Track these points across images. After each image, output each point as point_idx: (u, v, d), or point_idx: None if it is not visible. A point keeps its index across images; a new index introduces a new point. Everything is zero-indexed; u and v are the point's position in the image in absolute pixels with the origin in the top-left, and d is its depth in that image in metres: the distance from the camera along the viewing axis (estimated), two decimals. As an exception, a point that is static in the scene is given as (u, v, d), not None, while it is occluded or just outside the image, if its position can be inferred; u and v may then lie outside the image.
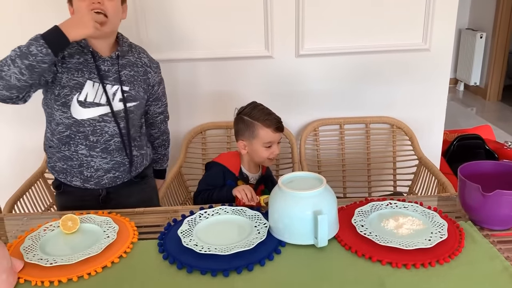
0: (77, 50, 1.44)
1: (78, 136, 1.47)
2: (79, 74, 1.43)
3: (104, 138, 1.48)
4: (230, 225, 1.32)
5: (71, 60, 1.43)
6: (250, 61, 2.03)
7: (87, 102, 1.43)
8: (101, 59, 1.45)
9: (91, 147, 1.48)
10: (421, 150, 2.05)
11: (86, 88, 1.43)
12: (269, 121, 1.53)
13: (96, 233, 1.31)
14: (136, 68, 1.51)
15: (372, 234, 1.22)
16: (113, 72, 1.46)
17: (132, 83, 1.49)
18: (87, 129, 1.46)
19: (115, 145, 1.50)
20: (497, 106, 4.93)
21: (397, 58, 2.04)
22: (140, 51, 1.55)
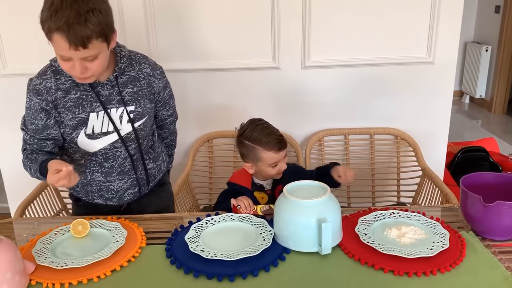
0: (71, 84, 1.36)
1: (93, 164, 1.47)
2: (80, 110, 1.37)
3: (118, 162, 1.47)
4: (236, 232, 1.35)
5: (69, 97, 1.36)
6: (258, 72, 2.07)
7: (95, 133, 1.41)
8: (99, 84, 1.37)
9: (107, 173, 1.48)
10: (425, 162, 2.07)
11: (91, 121, 1.39)
12: (270, 143, 1.51)
13: (106, 237, 1.34)
14: (138, 82, 1.42)
15: (375, 243, 1.24)
16: (115, 95, 1.39)
17: (136, 100, 1.43)
18: (99, 158, 1.45)
19: (129, 165, 1.49)
20: (503, 119, 4.94)
21: (402, 70, 2.08)
22: (141, 62, 1.45)
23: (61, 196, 2.08)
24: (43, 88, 1.35)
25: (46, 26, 1.19)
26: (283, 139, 1.55)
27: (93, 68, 1.27)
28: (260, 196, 1.60)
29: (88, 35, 1.19)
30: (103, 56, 1.27)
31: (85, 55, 1.22)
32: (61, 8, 1.16)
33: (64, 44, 1.19)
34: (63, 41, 1.18)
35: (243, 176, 1.63)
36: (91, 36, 1.19)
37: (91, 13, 1.19)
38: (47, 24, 1.19)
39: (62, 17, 1.16)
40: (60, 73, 1.36)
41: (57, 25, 1.17)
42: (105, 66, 1.32)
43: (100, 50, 1.25)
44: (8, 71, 2.06)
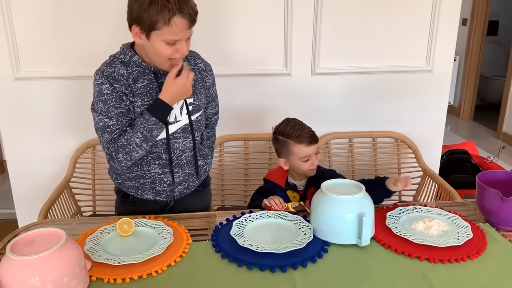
0: (139, 73, 1.40)
1: (151, 157, 1.48)
2: (148, 97, 1.40)
3: (176, 154, 1.49)
4: (275, 228, 1.44)
5: (137, 85, 1.39)
6: (270, 78, 2.17)
7: None
8: (163, 76, 1.40)
9: (164, 165, 1.50)
10: (425, 163, 2.23)
11: None
12: (301, 137, 1.60)
13: (151, 235, 1.39)
14: (195, 76, 1.45)
15: (407, 234, 1.36)
16: None
17: (194, 93, 1.47)
18: (159, 149, 1.47)
19: (186, 159, 1.52)
20: (470, 124, 5.26)
21: (403, 78, 2.23)
22: (195, 57, 1.50)
23: (76, 199, 2.09)
24: (118, 74, 1.38)
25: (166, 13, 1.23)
26: (314, 134, 1.63)
27: (189, 48, 1.36)
28: (292, 195, 1.69)
29: (196, 10, 1.30)
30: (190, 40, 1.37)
31: (190, 34, 1.33)
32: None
33: (185, 24, 1.27)
34: (185, 21, 1.26)
35: (278, 174, 1.71)
36: (197, 12, 1.30)
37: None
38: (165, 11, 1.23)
39: (176, 2, 1.24)
40: (126, 64, 1.39)
41: (178, 7, 1.24)
42: None
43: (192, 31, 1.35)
44: (21, 74, 2.06)
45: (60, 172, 2.13)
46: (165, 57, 1.33)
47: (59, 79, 2.08)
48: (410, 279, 1.19)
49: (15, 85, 2.07)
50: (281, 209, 1.54)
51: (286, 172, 1.70)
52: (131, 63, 1.39)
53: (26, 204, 2.18)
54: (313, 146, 1.62)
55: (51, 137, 2.15)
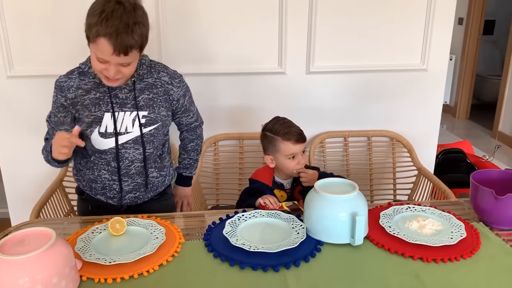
0: (93, 84, 1.46)
1: (101, 162, 1.53)
2: (96, 108, 1.45)
3: (125, 163, 1.53)
4: (268, 227, 1.43)
5: (88, 96, 1.45)
6: (264, 77, 2.16)
7: (107, 133, 1.48)
8: (117, 88, 1.45)
9: (113, 172, 1.54)
10: (419, 162, 2.23)
11: (105, 121, 1.46)
12: (288, 134, 1.61)
13: (144, 235, 1.38)
14: (155, 89, 1.49)
15: (401, 234, 1.36)
16: (130, 99, 1.46)
17: (151, 106, 1.49)
18: (108, 156, 1.51)
19: (135, 169, 1.55)
20: (466, 124, 5.27)
21: (398, 77, 2.23)
22: (160, 70, 1.52)
23: (69, 198, 2.08)
24: (66, 85, 1.47)
25: (94, 30, 1.28)
26: (302, 133, 1.64)
27: (125, 73, 1.38)
28: (279, 194, 1.69)
29: (132, 44, 1.30)
30: (135, 63, 1.40)
31: (123, 61, 1.34)
32: (112, 17, 1.27)
33: (109, 49, 1.29)
34: (109, 46, 1.28)
35: (265, 173, 1.71)
36: (133, 46, 1.31)
37: (137, 26, 1.30)
38: (96, 29, 1.27)
39: (112, 25, 1.26)
40: (85, 75, 1.46)
41: (107, 31, 1.26)
42: (132, 72, 1.42)
43: (135, 58, 1.37)
44: (14, 73, 2.04)
45: (54, 171, 2.11)
46: (98, 71, 1.39)
47: (52, 78, 2.06)
48: (403, 279, 1.18)
49: (7, 84, 2.05)
50: (275, 208, 1.53)
51: (272, 171, 1.69)
52: (89, 74, 1.45)
53: (19, 203, 2.17)
54: (300, 144, 1.62)
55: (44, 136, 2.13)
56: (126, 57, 1.32)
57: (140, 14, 1.32)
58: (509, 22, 4.41)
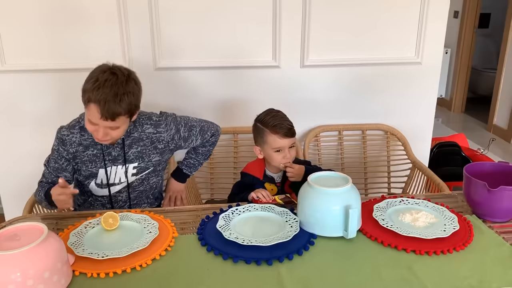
0: (91, 142, 1.58)
1: (97, 203, 1.70)
2: (92, 165, 1.60)
3: (119, 205, 1.70)
4: (262, 221, 1.43)
5: (87, 152, 1.58)
6: (259, 70, 2.16)
7: (103, 184, 1.64)
8: (110, 147, 1.59)
9: None
10: (414, 155, 2.23)
11: (100, 175, 1.62)
12: (277, 127, 1.59)
13: (136, 229, 1.38)
14: (141, 142, 1.61)
15: (394, 226, 1.36)
16: (121, 155, 1.60)
17: (141, 158, 1.63)
18: (104, 199, 1.69)
19: (127, 206, 1.72)
20: (461, 117, 5.28)
21: (393, 70, 2.23)
22: (143, 123, 1.62)
23: (63, 193, 2.07)
24: (68, 140, 1.57)
25: (87, 96, 1.42)
26: (292, 128, 1.62)
27: (114, 136, 1.50)
28: (270, 188, 1.68)
29: (118, 112, 1.42)
30: (125, 127, 1.51)
31: (110, 125, 1.45)
32: (103, 86, 1.39)
33: (97, 114, 1.41)
34: (97, 112, 1.41)
35: (256, 167, 1.71)
36: (120, 114, 1.43)
37: (125, 96, 1.42)
38: (88, 95, 1.41)
39: (102, 94, 1.39)
40: (85, 131, 1.55)
41: (96, 98, 1.39)
42: (123, 134, 1.55)
43: (123, 123, 1.49)
44: (6, 67, 2.03)
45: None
46: (88, 130, 1.50)
47: (44, 72, 2.05)
48: (396, 271, 1.19)
49: (0, 78, 2.03)
50: (268, 201, 1.53)
51: (263, 164, 1.69)
52: (87, 131, 1.53)
53: (13, 199, 2.16)
54: (287, 139, 1.61)
55: (38, 131, 2.12)
56: (114, 122, 1.44)
57: (132, 85, 1.45)
58: (504, 15, 4.40)
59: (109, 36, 2.01)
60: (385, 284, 1.14)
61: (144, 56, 2.07)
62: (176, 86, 2.14)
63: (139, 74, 2.07)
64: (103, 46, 2.01)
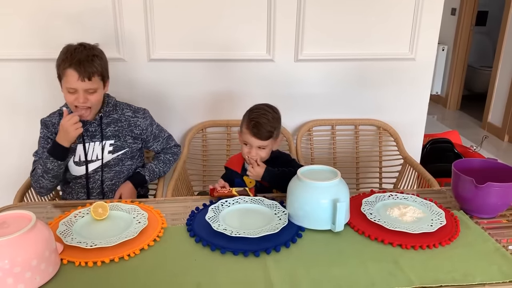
0: None
1: (77, 186, 1.77)
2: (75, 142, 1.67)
3: (97, 184, 1.76)
4: (251, 213, 1.44)
5: None
6: (252, 64, 2.15)
7: (81, 161, 1.73)
8: (88, 123, 1.71)
9: (89, 194, 1.77)
10: (405, 151, 2.24)
11: (78, 151, 1.72)
12: (250, 123, 1.59)
13: (126, 219, 1.39)
14: (120, 123, 1.75)
15: (381, 221, 1.37)
16: (98, 132, 1.72)
17: (117, 136, 1.75)
18: (83, 180, 1.75)
19: (107, 187, 1.77)
20: (457, 114, 5.29)
21: (386, 65, 2.23)
22: (123, 107, 1.78)
23: (55, 183, 2.07)
24: (50, 123, 1.72)
25: (62, 65, 1.58)
26: (262, 131, 1.58)
27: (92, 100, 1.63)
28: (248, 181, 1.69)
29: (93, 71, 1.59)
30: (100, 93, 1.66)
31: (88, 87, 1.60)
32: (75, 52, 1.58)
33: (75, 75, 1.57)
34: (75, 73, 1.57)
35: (235, 161, 1.74)
36: (95, 72, 1.60)
37: (96, 57, 1.61)
38: (63, 64, 1.57)
39: (75, 57, 1.57)
40: (63, 115, 1.64)
41: (71, 62, 1.56)
42: (100, 102, 1.68)
43: (98, 86, 1.63)
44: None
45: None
46: (70, 104, 1.64)
47: (29, 62, 2.05)
48: (382, 265, 1.20)
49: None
50: (224, 192, 1.56)
51: (242, 158, 1.70)
52: None
53: (3, 187, 2.16)
54: (255, 139, 1.60)
55: (29, 120, 2.11)
56: (90, 82, 1.59)
57: (99, 51, 1.65)
58: (501, 14, 4.40)
59: (102, 28, 2.00)
60: (371, 277, 1.15)
61: (138, 48, 2.06)
62: (169, 78, 2.14)
63: (132, 65, 2.09)
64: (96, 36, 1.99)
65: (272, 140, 1.63)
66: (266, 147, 1.63)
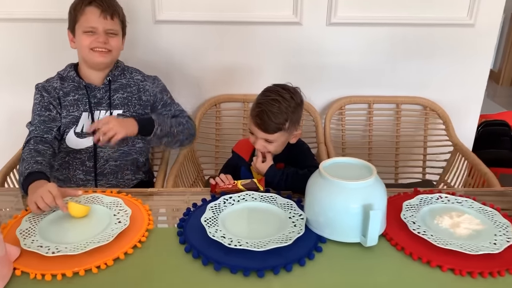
0: (72, 87, 1.51)
1: (75, 162, 1.53)
2: (74, 108, 1.50)
3: (100, 163, 1.53)
4: (260, 214, 1.16)
5: (67, 98, 1.50)
6: (275, 28, 1.83)
7: (83, 133, 1.50)
8: (96, 88, 1.51)
9: (88, 172, 1.54)
10: (457, 137, 1.90)
11: (82, 120, 1.50)
12: (254, 110, 1.31)
13: (106, 217, 1.13)
14: (129, 88, 1.55)
15: (427, 234, 1.06)
16: (106, 99, 1.52)
17: (126, 105, 1.53)
18: (83, 156, 1.52)
19: (109, 168, 1.55)
20: (510, 91, 4.79)
21: (438, 32, 1.86)
22: (132, 71, 1.59)
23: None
24: (50, 87, 1.51)
25: (80, 4, 1.43)
26: (266, 122, 1.28)
27: (112, 44, 1.47)
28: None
29: (116, 9, 1.47)
30: (120, 40, 1.51)
31: (110, 27, 1.46)
32: None
33: (96, 13, 1.43)
34: (96, 10, 1.43)
35: (245, 146, 1.45)
36: (117, 12, 1.48)
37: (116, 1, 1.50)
38: (81, 3, 1.43)
39: None
40: (64, 80, 1.52)
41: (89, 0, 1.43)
42: (119, 51, 1.52)
43: (119, 32, 1.49)
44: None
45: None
46: (87, 47, 1.45)
47: (21, 22, 1.80)
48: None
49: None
50: (227, 186, 1.27)
51: None
52: (68, 78, 1.51)
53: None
54: (259, 130, 1.31)
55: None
56: (112, 22, 1.45)
57: None
58: None
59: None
60: (411, 315, 0.85)
61: (142, 8, 1.78)
62: (177, 44, 1.85)
63: (136, 27, 1.81)
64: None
65: (283, 133, 1.32)
66: (274, 141, 1.33)
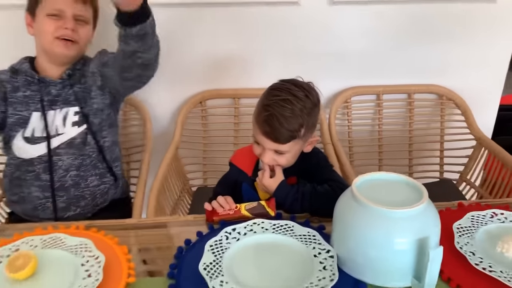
0: (24, 82, 1.31)
1: (28, 177, 1.30)
2: (23, 107, 1.30)
3: (57, 174, 1.29)
4: (275, 252, 0.90)
5: (16, 94, 1.31)
6: (271, 8, 1.55)
7: (34, 137, 1.29)
8: (51, 84, 1.31)
9: (45, 188, 1.30)
10: (479, 129, 1.68)
11: (32, 122, 1.30)
12: (260, 115, 1.03)
13: (70, 267, 0.85)
14: (84, 79, 1.34)
15: (496, 270, 0.82)
16: (63, 96, 1.31)
17: (83, 98, 1.32)
18: (37, 167, 1.29)
19: (71, 180, 1.30)
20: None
21: (454, 10, 1.62)
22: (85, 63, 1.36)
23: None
24: None
25: None
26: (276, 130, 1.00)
27: (80, 34, 1.29)
28: None
29: None
30: (90, 29, 1.33)
31: (80, 13, 1.28)
32: None
33: None
34: None
35: (246, 156, 1.16)
36: None
37: None
38: None
39: None
40: (17, 73, 1.33)
41: None
42: (87, 44, 1.35)
43: (89, 19, 1.32)
44: None
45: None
46: (50, 34, 1.27)
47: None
48: None
49: None
50: (228, 213, 1.00)
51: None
52: (20, 71, 1.33)
53: None
54: (268, 140, 1.03)
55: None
56: (84, 6, 1.29)
57: None
58: None
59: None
60: None
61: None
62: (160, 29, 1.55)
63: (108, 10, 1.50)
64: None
65: (297, 141, 1.05)
66: (287, 152, 1.05)
